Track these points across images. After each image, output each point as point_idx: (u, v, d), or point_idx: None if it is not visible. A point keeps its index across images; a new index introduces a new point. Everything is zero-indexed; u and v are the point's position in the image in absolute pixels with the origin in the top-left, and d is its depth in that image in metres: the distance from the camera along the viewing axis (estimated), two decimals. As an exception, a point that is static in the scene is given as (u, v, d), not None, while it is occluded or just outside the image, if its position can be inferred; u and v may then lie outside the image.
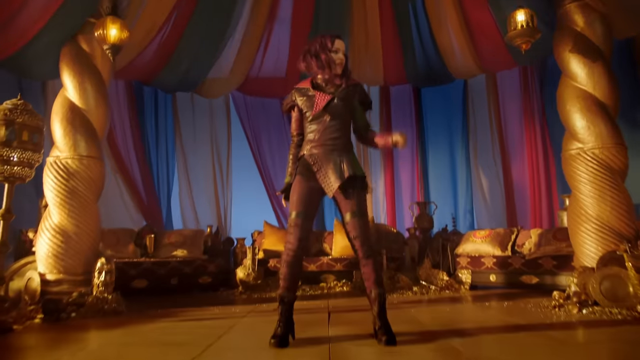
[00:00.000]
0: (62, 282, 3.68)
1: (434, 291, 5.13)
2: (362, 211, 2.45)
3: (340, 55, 2.52)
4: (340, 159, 2.47)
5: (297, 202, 2.48)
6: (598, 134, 3.67)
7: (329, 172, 2.45)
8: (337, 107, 2.50)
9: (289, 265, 2.48)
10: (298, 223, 2.45)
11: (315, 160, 2.49)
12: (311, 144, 2.53)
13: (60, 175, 3.76)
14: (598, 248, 3.55)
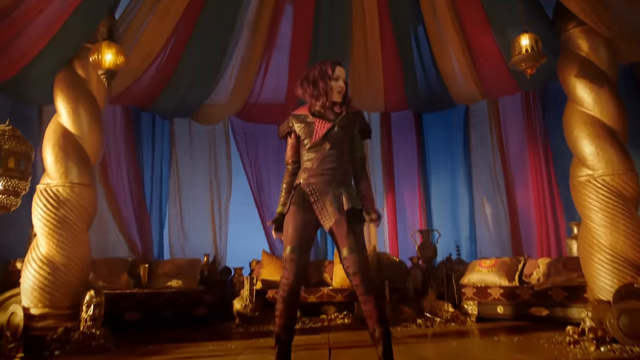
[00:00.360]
0: (47, 316, 3.48)
1: (439, 324, 4.91)
2: (361, 246, 2.34)
3: (341, 83, 2.47)
4: (339, 191, 2.38)
5: (292, 235, 2.36)
6: (608, 160, 3.55)
7: (326, 204, 2.35)
8: (337, 135, 2.43)
9: (285, 301, 2.34)
10: (293, 258, 2.34)
11: (313, 191, 2.39)
12: (308, 173, 2.43)
13: (50, 204, 3.62)
14: (614, 280, 3.37)
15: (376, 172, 6.70)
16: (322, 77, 2.46)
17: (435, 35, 4.97)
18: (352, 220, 2.35)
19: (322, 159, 2.41)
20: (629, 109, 3.94)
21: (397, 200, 6.68)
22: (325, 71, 2.47)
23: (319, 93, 2.45)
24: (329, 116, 2.46)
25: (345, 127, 2.45)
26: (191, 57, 4.98)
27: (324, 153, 2.42)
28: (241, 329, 4.83)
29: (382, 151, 6.65)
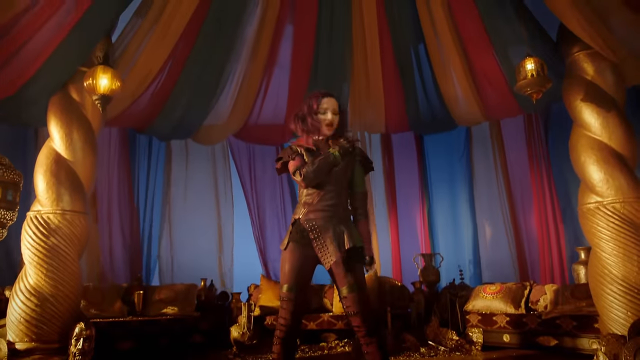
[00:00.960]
0: (34, 351, 3.32)
1: (442, 353, 4.74)
2: (361, 285, 2.26)
3: (329, 116, 2.43)
4: (339, 228, 2.34)
5: (289, 273, 2.29)
6: (618, 187, 3.43)
7: (327, 242, 2.28)
8: (339, 171, 2.39)
9: (283, 343, 2.26)
10: (291, 297, 2.27)
11: (313, 227, 2.32)
12: (308, 208, 2.36)
13: (40, 232, 3.49)
14: (628, 313, 3.23)
15: (378, 193, 6.59)
16: (309, 113, 2.45)
17: (437, 57, 4.92)
18: (352, 259, 2.28)
19: (322, 194, 2.35)
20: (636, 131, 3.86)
21: (399, 222, 6.55)
22: (311, 106, 2.45)
23: (309, 129, 2.44)
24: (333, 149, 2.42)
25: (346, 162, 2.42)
26: (189, 78, 4.91)
27: (324, 189, 2.35)
28: (238, 359, 4.66)
29: (384, 172, 6.55)
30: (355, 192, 2.48)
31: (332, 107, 2.44)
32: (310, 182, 2.35)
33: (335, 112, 2.45)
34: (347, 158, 2.43)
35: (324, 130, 2.44)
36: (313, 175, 2.33)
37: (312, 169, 2.33)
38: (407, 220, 6.61)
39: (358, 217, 2.46)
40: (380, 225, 6.57)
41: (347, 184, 2.45)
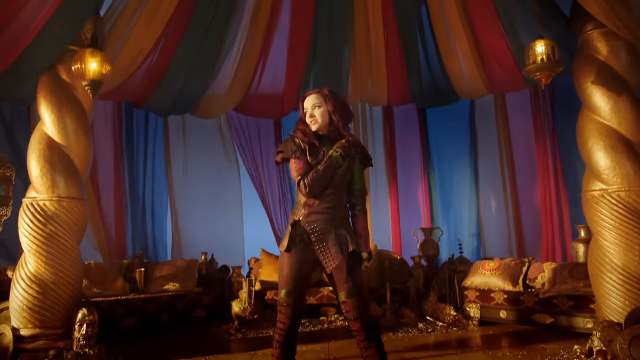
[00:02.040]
0: (38, 337, 3.36)
1: (440, 328, 4.83)
2: (360, 290, 2.28)
3: (309, 113, 2.45)
4: (340, 231, 2.35)
5: (287, 278, 2.28)
6: (624, 175, 3.35)
7: (329, 245, 2.27)
8: (340, 173, 2.37)
9: (283, 346, 2.29)
10: (290, 302, 2.28)
11: (314, 230, 2.30)
12: (308, 210, 2.34)
13: (37, 219, 3.45)
14: (625, 302, 3.24)
15: (379, 166, 6.51)
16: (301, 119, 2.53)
17: (442, 32, 4.69)
18: (351, 262, 2.28)
19: (323, 196, 2.33)
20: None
21: (399, 195, 6.52)
22: (301, 110, 2.53)
23: (303, 132, 2.47)
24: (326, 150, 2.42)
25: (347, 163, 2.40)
26: (186, 52, 4.70)
27: (325, 191, 2.33)
28: (240, 334, 4.76)
29: (385, 146, 6.45)
30: (354, 189, 2.47)
31: (311, 104, 2.44)
32: (315, 193, 2.32)
33: (317, 106, 2.43)
34: (348, 158, 2.41)
35: (312, 127, 2.46)
36: (318, 186, 2.31)
37: (317, 179, 2.30)
38: (408, 193, 6.57)
39: (356, 214, 2.46)
40: (380, 199, 6.55)
41: (347, 183, 2.43)
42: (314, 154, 2.40)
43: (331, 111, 2.43)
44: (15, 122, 4.96)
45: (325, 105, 2.43)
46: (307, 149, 2.41)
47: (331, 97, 2.48)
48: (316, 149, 2.41)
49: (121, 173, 5.68)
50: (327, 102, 2.44)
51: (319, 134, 2.46)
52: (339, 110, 2.47)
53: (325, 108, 2.42)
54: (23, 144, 4.87)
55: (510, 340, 4.35)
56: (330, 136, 2.45)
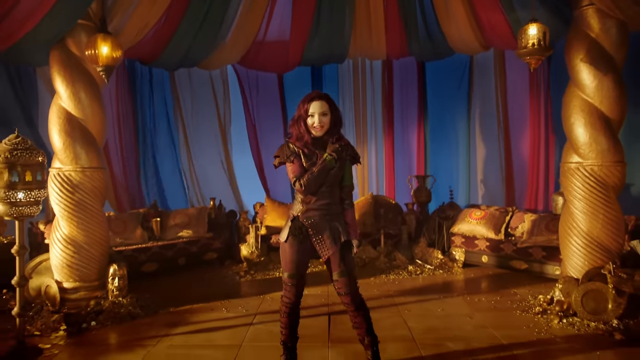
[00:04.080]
0: (79, 289, 3.91)
1: (428, 271, 5.42)
2: (350, 270, 2.60)
3: (316, 119, 2.52)
4: (334, 225, 2.59)
5: (289, 264, 2.62)
6: (599, 151, 3.66)
7: (324, 237, 2.57)
8: (333, 174, 2.57)
9: (289, 316, 2.70)
10: (293, 283, 2.64)
11: (312, 225, 2.58)
12: (306, 207, 2.58)
13: (65, 188, 3.83)
14: (585, 262, 3.73)
15: (377, 117, 6.74)
16: (299, 119, 2.56)
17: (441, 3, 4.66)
18: (344, 250, 2.62)
19: (318, 194, 2.57)
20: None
21: (395, 144, 6.82)
22: (301, 110, 2.56)
23: (299, 134, 2.56)
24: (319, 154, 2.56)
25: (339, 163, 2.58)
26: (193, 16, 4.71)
27: (320, 190, 2.57)
28: (249, 276, 5.35)
29: (383, 96, 6.61)
30: (344, 186, 2.67)
31: (320, 110, 2.51)
32: (310, 192, 2.54)
33: (325, 114, 2.53)
34: (340, 160, 2.59)
35: (314, 132, 2.55)
36: (314, 186, 2.51)
37: (312, 180, 2.49)
38: (404, 143, 6.86)
39: (346, 207, 2.68)
40: (377, 148, 6.87)
41: (339, 181, 2.64)
42: (309, 157, 2.55)
43: (334, 120, 2.57)
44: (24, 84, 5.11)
45: (330, 113, 2.54)
46: (302, 153, 2.56)
47: (334, 106, 2.60)
48: (310, 153, 2.56)
49: (128, 126, 5.93)
50: (331, 111, 2.56)
51: (313, 137, 2.57)
52: (339, 118, 2.62)
53: (330, 117, 2.55)
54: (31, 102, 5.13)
55: (488, 284, 4.94)
56: (323, 139, 2.59)
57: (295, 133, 2.59)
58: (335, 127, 2.60)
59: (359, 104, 6.64)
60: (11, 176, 2.91)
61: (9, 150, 2.92)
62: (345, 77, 6.65)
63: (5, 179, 2.90)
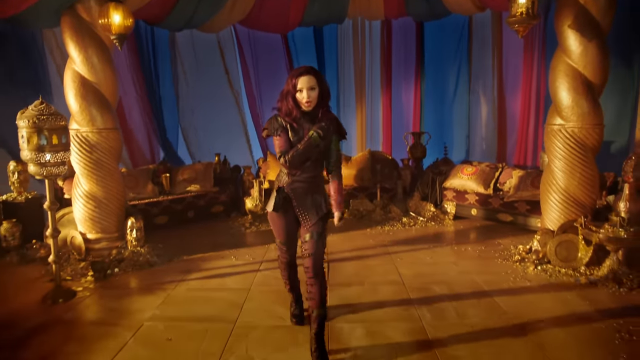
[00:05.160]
0: (101, 240, 4.31)
1: (420, 222, 5.83)
2: (321, 234, 2.66)
3: (304, 94, 2.51)
4: (315, 197, 2.67)
5: (278, 231, 2.79)
6: (580, 114, 3.93)
7: (306, 208, 2.65)
8: (318, 150, 2.59)
9: (287, 269, 2.94)
10: (284, 248, 2.84)
11: (296, 197, 2.66)
12: (291, 179, 2.64)
13: (84, 148, 4.12)
14: (561, 216, 4.10)
15: (374, 74, 6.90)
16: (287, 94, 2.56)
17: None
18: (323, 220, 2.70)
19: (303, 168, 2.62)
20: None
21: (393, 102, 7.03)
22: (289, 85, 2.54)
23: (288, 109, 2.57)
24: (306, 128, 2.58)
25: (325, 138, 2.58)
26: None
27: (305, 163, 2.61)
28: (254, 227, 5.76)
29: (382, 55, 6.74)
30: (331, 160, 2.70)
31: (307, 85, 2.50)
32: (294, 167, 2.60)
33: (313, 88, 2.51)
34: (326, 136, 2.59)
35: (304, 107, 2.55)
36: (297, 162, 2.56)
37: (297, 156, 2.53)
38: (401, 100, 7.07)
39: (333, 178, 2.71)
40: (374, 105, 7.08)
41: (324, 155, 2.67)
42: (296, 131, 2.58)
43: (322, 93, 2.57)
44: (30, 46, 5.26)
45: (318, 87, 2.54)
46: (289, 127, 2.58)
47: (322, 79, 2.58)
48: (298, 127, 2.58)
49: (137, 86, 6.11)
50: (319, 85, 2.54)
51: (301, 111, 2.58)
52: (327, 92, 2.62)
53: (318, 90, 2.54)
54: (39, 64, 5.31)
55: (475, 235, 5.35)
56: (312, 113, 2.59)
57: (284, 108, 2.59)
58: (323, 100, 2.60)
59: (359, 63, 6.79)
60: (39, 140, 3.20)
61: (36, 116, 3.19)
62: (345, 38, 6.76)
63: (34, 142, 3.19)
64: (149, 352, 2.73)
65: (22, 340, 2.88)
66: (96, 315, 3.32)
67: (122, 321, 3.15)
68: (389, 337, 2.87)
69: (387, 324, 3.04)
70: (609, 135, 5.61)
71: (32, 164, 3.25)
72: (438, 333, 2.91)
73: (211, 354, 2.67)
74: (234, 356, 2.66)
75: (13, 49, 5.10)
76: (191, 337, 2.90)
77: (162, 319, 3.17)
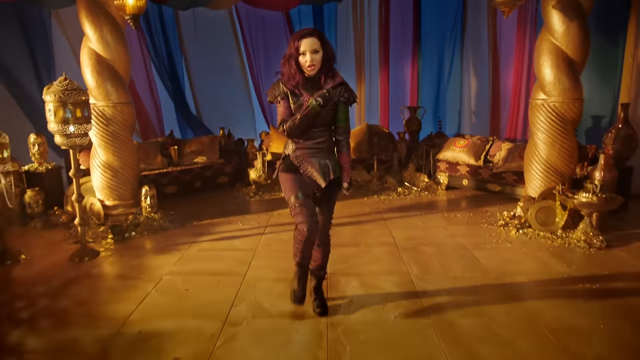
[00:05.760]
0: (118, 206, 4.68)
1: (415, 192, 6.20)
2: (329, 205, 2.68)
3: (308, 58, 2.39)
4: (324, 162, 2.57)
5: (292, 186, 2.56)
6: (562, 89, 4.22)
7: (314, 174, 2.56)
8: (324, 114, 2.49)
9: (304, 243, 2.57)
10: (301, 202, 2.50)
11: (301, 164, 2.58)
12: (296, 145, 2.57)
13: (100, 122, 4.44)
14: (542, 184, 4.45)
15: (373, 50, 7.13)
16: (290, 57, 2.43)
17: None
18: (332, 187, 2.62)
19: (309, 134, 2.53)
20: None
21: (390, 77, 7.29)
22: (291, 48, 2.42)
23: (290, 74, 2.44)
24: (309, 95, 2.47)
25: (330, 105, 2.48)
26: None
27: (311, 130, 2.52)
28: (257, 196, 6.14)
29: (380, 31, 6.96)
30: (339, 126, 2.59)
31: (311, 48, 2.37)
32: (293, 137, 2.52)
33: (316, 51, 2.38)
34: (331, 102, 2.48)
35: (307, 71, 2.43)
36: (296, 132, 2.48)
37: (295, 126, 2.44)
38: (398, 75, 7.33)
39: (341, 149, 2.63)
40: (373, 80, 7.35)
41: (331, 120, 2.57)
42: (297, 98, 2.49)
43: (326, 56, 2.44)
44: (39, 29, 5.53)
45: (321, 50, 2.40)
46: (290, 93, 2.48)
47: (326, 42, 2.44)
48: (300, 93, 2.48)
49: (146, 62, 6.37)
50: (323, 47, 2.41)
51: (305, 76, 2.46)
52: (331, 54, 2.48)
53: (322, 53, 2.41)
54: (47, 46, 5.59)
55: (465, 203, 5.72)
56: (316, 78, 2.47)
57: (286, 73, 2.47)
58: (327, 62, 2.46)
59: (357, 39, 7.02)
60: (65, 113, 3.52)
61: (61, 91, 3.50)
62: (344, 15, 6.97)
63: (60, 115, 3.51)
64: (170, 300, 3.12)
65: (59, 291, 3.27)
66: (120, 271, 3.70)
67: (143, 275, 3.55)
68: (380, 288, 3.25)
69: (379, 277, 3.43)
70: (596, 110, 5.94)
71: (59, 135, 3.58)
72: (424, 284, 3.30)
73: (225, 300, 3.06)
74: (245, 302, 3.05)
75: (23, 28, 5.35)
76: (206, 287, 3.30)
77: (179, 274, 3.56)
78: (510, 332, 2.62)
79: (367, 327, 2.70)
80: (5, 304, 3.08)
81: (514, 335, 2.58)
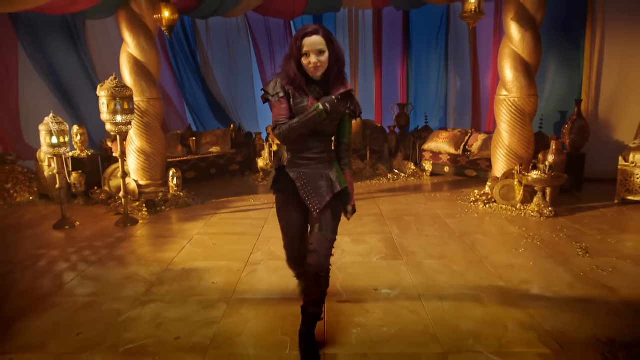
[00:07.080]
0: (149, 186, 5.55)
1: (403, 178, 7.08)
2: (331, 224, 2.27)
3: (312, 59, 2.06)
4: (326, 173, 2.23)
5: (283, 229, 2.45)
6: (519, 87, 5.10)
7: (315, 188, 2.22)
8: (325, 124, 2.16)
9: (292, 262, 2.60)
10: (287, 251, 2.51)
11: (299, 177, 2.23)
12: (291, 155, 2.22)
13: (137, 114, 5.32)
14: (505, 166, 5.33)
15: (367, 54, 8.03)
16: (290, 58, 2.12)
17: None
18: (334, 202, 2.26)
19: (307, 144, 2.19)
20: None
21: (383, 77, 8.18)
22: (293, 48, 2.10)
23: (289, 76, 2.13)
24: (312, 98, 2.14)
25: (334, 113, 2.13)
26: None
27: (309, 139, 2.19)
28: (265, 181, 7.01)
29: (374, 38, 7.86)
30: (341, 142, 2.29)
31: (315, 48, 2.05)
32: (287, 143, 2.19)
33: (322, 51, 2.05)
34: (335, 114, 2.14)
35: (312, 73, 2.11)
36: (294, 137, 2.13)
37: (294, 130, 2.09)
38: (390, 76, 8.23)
39: (343, 168, 2.31)
40: (367, 79, 8.24)
41: (333, 133, 2.26)
42: (300, 99, 2.13)
43: (333, 57, 2.09)
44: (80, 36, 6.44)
45: (327, 50, 2.07)
46: (291, 94, 2.14)
47: (333, 40, 2.11)
48: (302, 95, 2.14)
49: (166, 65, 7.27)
50: (329, 47, 2.07)
51: (307, 79, 2.14)
52: (340, 54, 2.12)
53: (328, 53, 2.07)
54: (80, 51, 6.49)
55: (446, 187, 6.60)
56: (321, 82, 2.15)
57: (286, 75, 2.14)
58: (336, 64, 2.12)
59: (353, 45, 7.93)
60: (115, 105, 4.39)
61: (113, 88, 4.37)
62: (341, 25, 7.89)
63: (111, 107, 4.39)
64: (202, 250, 3.99)
65: (114, 244, 4.15)
66: (158, 232, 4.58)
67: (178, 235, 4.42)
68: (367, 243, 4.13)
69: (366, 236, 4.30)
70: (561, 107, 6.82)
71: (109, 123, 4.45)
72: (401, 240, 4.18)
73: (245, 250, 3.94)
74: (261, 251, 3.92)
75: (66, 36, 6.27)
76: (229, 242, 4.17)
77: (206, 234, 4.44)
78: (463, 268, 3.50)
79: (355, 265, 3.58)
80: (76, 252, 3.96)
81: (464, 270, 3.46)
